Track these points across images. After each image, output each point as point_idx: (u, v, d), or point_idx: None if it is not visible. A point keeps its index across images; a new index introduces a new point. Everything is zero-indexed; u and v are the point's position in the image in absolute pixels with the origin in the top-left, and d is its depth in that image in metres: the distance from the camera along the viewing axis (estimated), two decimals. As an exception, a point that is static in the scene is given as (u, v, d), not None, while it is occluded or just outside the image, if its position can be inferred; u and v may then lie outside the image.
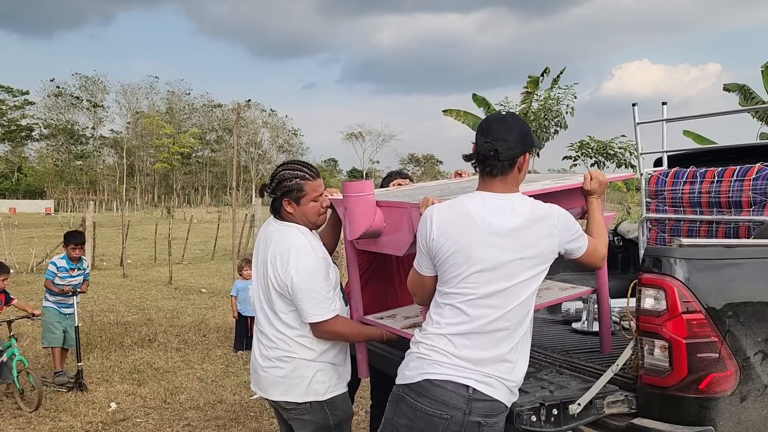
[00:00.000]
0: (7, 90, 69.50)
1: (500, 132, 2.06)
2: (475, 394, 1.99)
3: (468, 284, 2.02)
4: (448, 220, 2.05)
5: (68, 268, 5.85)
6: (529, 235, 2.03)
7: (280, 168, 2.64)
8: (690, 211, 3.48)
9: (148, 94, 75.35)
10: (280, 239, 2.57)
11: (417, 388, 2.03)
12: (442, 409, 1.98)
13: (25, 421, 4.84)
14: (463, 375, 2.00)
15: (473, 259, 2.01)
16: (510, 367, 2.06)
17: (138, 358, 6.64)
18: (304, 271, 2.47)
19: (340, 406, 2.64)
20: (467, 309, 2.03)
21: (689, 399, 2.20)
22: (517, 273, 2.03)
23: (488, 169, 2.08)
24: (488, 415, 2.01)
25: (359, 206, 2.46)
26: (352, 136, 73.89)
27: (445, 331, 2.05)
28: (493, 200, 2.06)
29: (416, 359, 2.08)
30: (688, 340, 2.18)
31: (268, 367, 2.61)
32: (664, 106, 3.85)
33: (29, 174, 66.65)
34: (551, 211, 2.10)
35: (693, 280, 2.21)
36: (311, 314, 2.50)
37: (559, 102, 17.90)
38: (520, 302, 2.05)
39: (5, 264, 5.62)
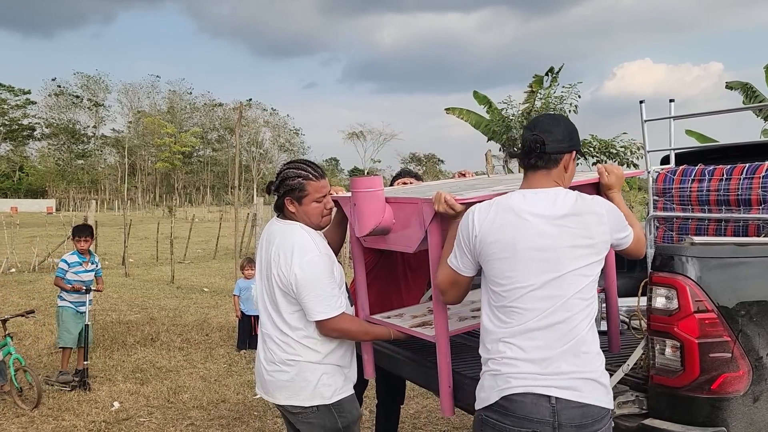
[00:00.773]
0: (9, 89, 69.55)
1: (547, 125, 2.06)
2: (560, 404, 1.85)
3: (518, 279, 1.95)
4: (491, 217, 2.01)
5: (80, 261, 5.87)
6: (576, 224, 1.96)
7: (286, 166, 2.62)
8: (698, 209, 3.45)
9: (150, 93, 75.51)
10: (284, 237, 2.54)
11: (497, 408, 1.92)
12: (526, 426, 1.85)
13: (27, 420, 4.82)
14: (542, 384, 1.87)
15: (520, 253, 1.95)
16: (587, 359, 1.93)
17: (141, 357, 6.62)
18: (308, 268, 2.44)
19: (347, 409, 2.59)
20: (522, 304, 1.94)
21: (701, 399, 2.17)
22: (567, 261, 1.94)
23: (532, 161, 2.05)
24: (582, 426, 1.85)
25: (368, 202, 2.43)
26: (353, 136, 73.83)
27: (504, 336, 1.96)
28: (534, 194, 2.02)
29: (489, 378, 1.98)
30: (700, 339, 2.15)
31: (273, 371, 2.57)
32: (671, 104, 3.82)
33: (31, 173, 66.70)
34: (597, 201, 2.06)
35: (705, 278, 2.18)
36: (316, 311, 2.46)
37: (563, 101, 17.85)
38: (577, 291, 1.94)
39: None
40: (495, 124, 18.23)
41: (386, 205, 2.46)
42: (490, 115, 18.60)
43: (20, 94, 70.22)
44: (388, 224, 2.47)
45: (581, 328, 1.95)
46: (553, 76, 17.75)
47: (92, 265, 5.97)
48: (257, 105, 75.11)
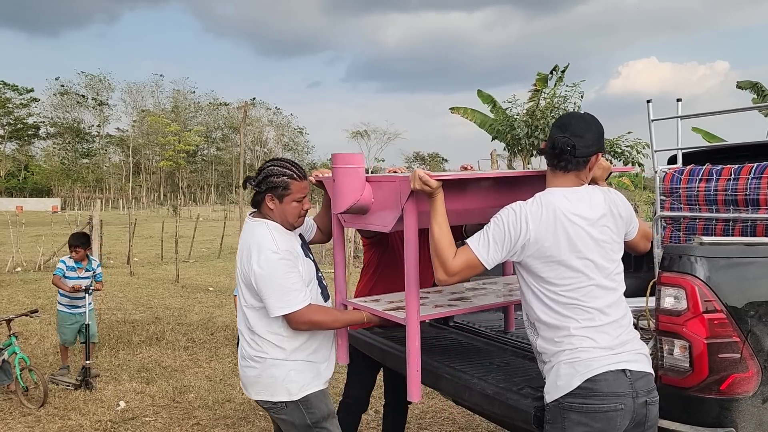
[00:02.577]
0: (13, 88, 69.78)
1: (579, 128, 2.12)
2: (633, 375, 2.02)
3: (580, 278, 2.07)
4: (544, 219, 2.07)
5: (75, 267, 5.89)
6: (611, 223, 2.15)
7: (270, 163, 2.63)
8: (706, 209, 3.43)
9: (154, 92, 75.69)
10: (248, 234, 2.59)
11: (580, 392, 2.01)
12: (615, 401, 1.98)
13: (34, 419, 4.83)
14: (615, 361, 2.02)
15: (578, 254, 2.07)
16: (638, 340, 2.14)
17: (146, 357, 6.64)
18: (266, 265, 2.47)
19: (315, 405, 2.61)
20: (586, 303, 2.07)
21: (710, 400, 2.16)
22: (612, 256, 2.14)
23: (563, 164, 2.13)
24: (649, 391, 2.06)
25: (348, 178, 2.43)
26: (357, 135, 73.88)
27: (574, 331, 2.06)
28: (574, 195, 2.13)
29: (565, 366, 2.06)
30: (709, 340, 2.14)
31: (244, 366, 2.65)
32: (678, 103, 3.79)
33: (36, 172, 66.92)
34: (615, 193, 2.24)
35: (714, 278, 2.18)
36: (275, 307, 2.48)
37: (567, 100, 17.82)
38: (621, 282, 2.16)
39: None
40: (499, 123, 18.21)
41: (366, 184, 2.46)
42: (495, 114, 18.59)
43: (24, 92, 70.45)
44: (367, 202, 2.47)
45: (629, 318, 2.17)
46: (558, 75, 17.72)
47: (87, 272, 5.95)
48: (261, 104, 75.30)
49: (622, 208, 2.23)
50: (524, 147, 17.94)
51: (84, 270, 5.92)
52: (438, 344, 3.23)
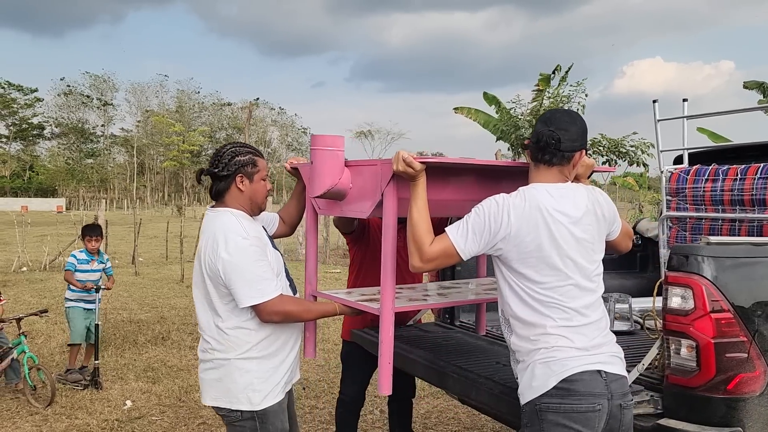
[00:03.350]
0: (17, 88, 70.02)
1: (564, 122, 2.09)
2: (608, 377, 1.99)
3: (560, 276, 2.02)
4: (527, 214, 2.02)
5: (88, 260, 5.93)
6: (593, 220, 2.10)
7: (227, 146, 2.53)
8: (712, 209, 3.44)
9: (158, 92, 75.67)
10: (212, 224, 2.45)
11: (556, 392, 1.96)
12: (592, 401, 1.95)
13: (41, 418, 4.86)
14: (591, 361, 1.99)
15: (559, 251, 2.02)
16: (613, 342, 2.11)
17: (152, 356, 6.66)
18: (235, 251, 2.33)
19: (272, 420, 2.46)
20: (565, 302, 2.02)
21: (717, 399, 2.17)
22: (594, 256, 2.10)
23: (547, 158, 2.09)
24: (624, 395, 2.02)
25: (327, 161, 2.35)
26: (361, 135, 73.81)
27: (551, 329, 2.02)
28: (557, 191, 2.08)
29: (541, 366, 2.00)
30: (716, 339, 2.15)
31: (204, 369, 2.50)
32: (684, 103, 3.80)
33: (41, 172, 67.12)
34: (598, 192, 2.20)
35: (721, 278, 2.18)
36: (247, 296, 2.33)
37: (570, 99, 17.79)
38: (601, 283, 2.13)
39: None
40: (503, 123, 18.19)
41: (345, 168, 2.38)
42: (499, 114, 18.56)
43: (29, 92, 70.69)
44: (345, 187, 2.39)
45: (606, 319, 2.13)
46: (561, 75, 17.68)
47: (99, 265, 6.01)
48: (265, 104, 75.32)
49: (606, 208, 2.18)
50: (528, 147, 17.90)
51: (96, 263, 5.97)
52: (445, 343, 3.24)
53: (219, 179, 2.50)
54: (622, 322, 3.33)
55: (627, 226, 2.32)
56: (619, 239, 2.27)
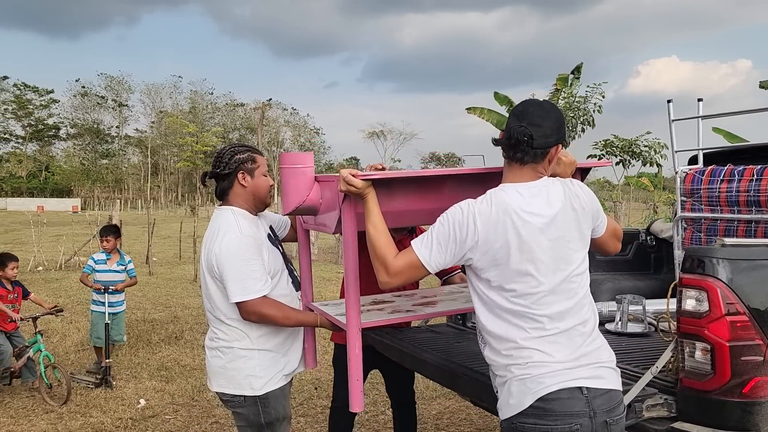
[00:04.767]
0: (33, 90, 70.81)
1: (537, 117, 1.94)
2: (590, 393, 1.85)
3: (531, 283, 1.89)
4: (494, 219, 1.89)
5: (105, 260, 6.03)
6: (570, 217, 1.95)
7: (225, 147, 2.64)
8: (727, 210, 3.40)
9: (172, 93, 76.20)
10: (214, 222, 2.57)
11: (533, 411, 1.85)
12: (570, 421, 1.82)
13: (56, 416, 4.91)
14: (570, 377, 1.85)
15: (529, 255, 1.88)
16: (601, 351, 1.95)
17: (165, 355, 6.70)
18: (227, 249, 2.44)
19: (273, 404, 2.58)
20: (538, 311, 1.89)
21: (732, 403, 2.14)
22: (571, 256, 1.94)
23: (519, 155, 1.95)
24: (610, 410, 1.88)
25: (294, 179, 2.36)
26: (373, 135, 73.88)
27: (525, 342, 1.89)
28: (528, 190, 1.94)
29: (517, 383, 1.89)
30: (731, 342, 2.13)
31: (210, 356, 2.63)
32: (700, 103, 3.77)
33: (56, 173, 67.79)
34: (577, 185, 2.04)
35: (736, 280, 2.16)
36: (233, 293, 2.45)
37: (587, 100, 17.70)
38: (584, 288, 1.97)
39: (12, 253, 5.73)
40: (517, 123, 18.11)
41: (315, 184, 2.38)
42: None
43: (44, 94, 71.44)
44: (315, 203, 2.38)
45: (592, 324, 1.97)
46: (575, 75, 17.60)
47: (119, 266, 6.08)
48: (278, 105, 75.51)
49: (585, 200, 2.00)
50: (542, 147, 17.84)
51: (115, 264, 6.04)
52: (457, 345, 3.24)
53: (222, 178, 2.61)
54: (636, 323, 3.31)
55: (615, 225, 2.16)
56: (604, 238, 2.11)
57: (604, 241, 2.12)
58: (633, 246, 4.31)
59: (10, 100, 69.83)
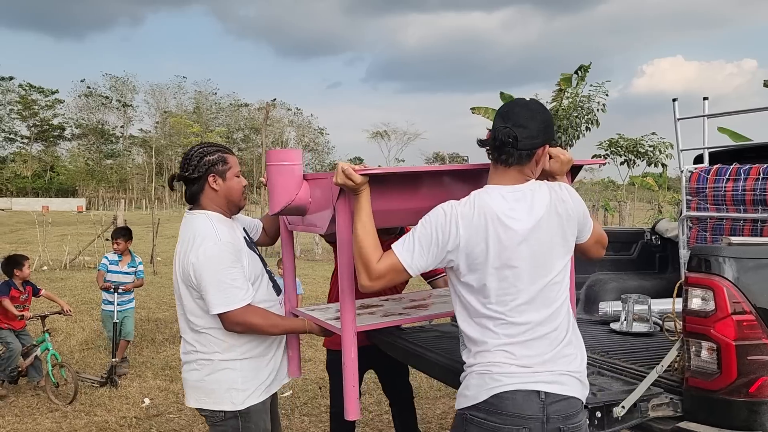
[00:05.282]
0: (38, 90, 71.08)
1: (522, 118, 1.89)
2: (549, 398, 1.83)
3: (509, 290, 1.86)
4: (476, 223, 1.85)
5: (117, 261, 6.10)
6: (554, 222, 1.90)
7: (195, 148, 2.48)
8: (733, 209, 3.39)
9: (176, 93, 76.40)
10: (187, 228, 2.41)
11: (485, 406, 1.85)
12: (518, 423, 1.81)
13: (61, 415, 4.92)
14: (531, 380, 1.84)
15: (508, 262, 1.85)
16: (572, 358, 1.92)
17: (170, 355, 6.71)
18: (204, 257, 2.28)
19: (254, 420, 2.45)
20: (513, 317, 1.86)
21: (739, 403, 2.13)
22: (552, 263, 1.90)
23: (504, 158, 1.91)
24: (567, 418, 1.85)
25: (281, 176, 2.25)
26: (377, 135, 74.00)
27: (495, 346, 1.88)
28: (512, 194, 1.89)
29: (476, 377, 1.89)
30: (737, 341, 2.11)
31: (187, 370, 2.48)
32: (705, 102, 3.75)
33: (61, 173, 68.01)
34: (565, 189, 1.98)
35: (743, 279, 2.15)
36: (214, 304, 2.29)
37: (591, 99, 17.67)
38: (563, 296, 1.94)
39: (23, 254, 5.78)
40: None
41: (303, 182, 2.27)
42: (516, 114, 18.47)
43: (49, 94, 71.72)
44: (303, 203, 2.27)
45: (565, 332, 1.94)
46: (580, 75, 17.57)
47: (130, 267, 6.13)
48: (282, 105, 75.66)
49: (571, 206, 1.95)
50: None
51: (126, 265, 6.12)
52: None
53: (191, 182, 2.45)
54: (642, 323, 3.30)
55: (601, 231, 2.10)
56: (589, 244, 2.05)
57: (587, 247, 2.07)
58: (638, 245, 4.29)
59: (15, 101, 70.16)
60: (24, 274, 5.51)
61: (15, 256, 5.63)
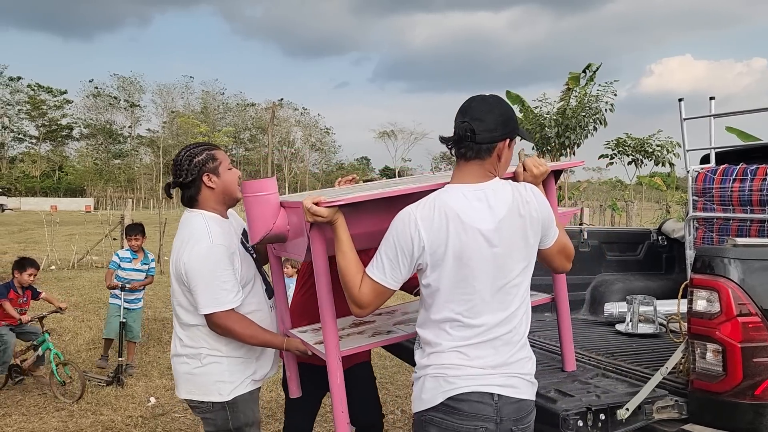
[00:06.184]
0: (47, 90, 71.52)
1: (479, 111, 1.90)
2: (501, 400, 1.86)
3: (466, 291, 1.85)
4: (437, 225, 1.84)
5: (131, 258, 6.10)
6: (516, 224, 1.87)
7: (181, 152, 2.49)
8: (740, 209, 3.36)
9: (184, 93, 76.79)
10: (184, 227, 2.45)
11: (443, 408, 1.87)
12: (475, 423, 1.84)
13: (67, 414, 4.94)
14: (485, 383, 1.86)
15: (468, 262, 1.83)
16: (525, 362, 1.94)
17: (176, 354, 6.72)
18: (196, 258, 2.32)
19: (242, 409, 2.49)
20: (469, 319, 1.86)
21: (744, 405, 2.12)
22: (512, 265, 1.88)
23: (462, 151, 1.91)
24: (518, 420, 1.89)
25: (258, 207, 2.22)
26: (384, 135, 74.07)
27: (449, 348, 1.88)
28: (473, 192, 1.88)
29: (431, 380, 1.90)
30: (743, 343, 2.10)
31: (177, 363, 2.54)
32: (712, 102, 3.73)
33: (70, 173, 68.41)
34: (530, 190, 1.96)
35: (748, 281, 2.13)
36: (202, 305, 2.34)
37: (598, 99, 17.60)
38: (520, 300, 1.92)
39: (35, 260, 5.77)
40: (528, 122, 18.06)
41: (281, 210, 2.24)
42: (523, 113, 18.44)
43: (58, 94, 72.16)
44: (282, 231, 2.24)
45: (521, 336, 1.94)
46: (589, 74, 17.50)
47: (144, 265, 6.15)
48: (289, 105, 75.85)
49: (534, 207, 1.91)
50: (554, 147, 17.79)
51: (140, 263, 6.13)
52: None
53: (187, 186, 2.47)
54: (647, 324, 3.28)
55: (567, 242, 2.05)
56: (551, 252, 2.01)
57: (550, 255, 2.03)
58: (644, 246, 4.27)
59: (24, 101, 70.65)
60: (22, 279, 5.51)
61: (22, 260, 5.63)
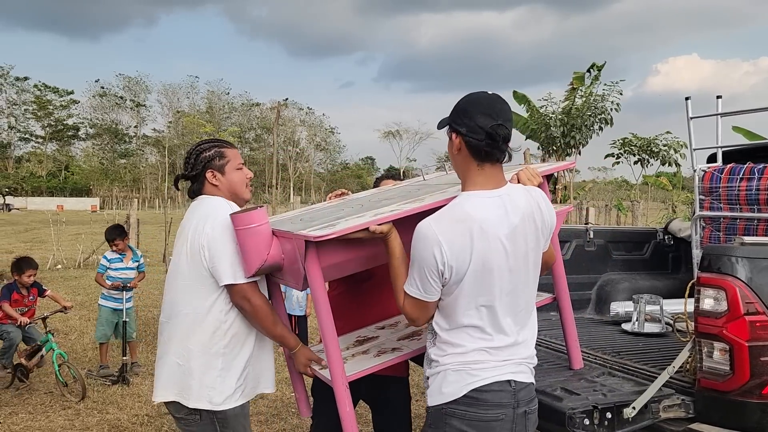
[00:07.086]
0: (54, 90, 71.81)
1: (505, 113, 1.94)
2: (516, 386, 1.92)
3: (487, 298, 1.88)
4: (459, 240, 1.83)
5: (121, 258, 6.06)
6: (530, 229, 1.91)
7: (194, 146, 2.48)
8: (747, 208, 3.35)
9: (189, 93, 76.84)
10: (199, 207, 2.37)
11: (465, 401, 1.89)
12: (498, 411, 1.89)
13: (74, 413, 4.96)
14: (502, 372, 1.91)
15: (490, 270, 1.85)
16: (532, 352, 2.01)
17: (181, 353, 6.73)
18: (220, 226, 2.23)
19: (232, 425, 2.30)
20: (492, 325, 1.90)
21: (752, 404, 2.11)
22: (527, 270, 1.93)
23: (498, 155, 1.91)
24: (529, 401, 1.96)
25: (250, 239, 2.15)
26: (389, 135, 74.08)
27: (471, 350, 1.91)
28: (491, 200, 1.88)
29: (453, 373, 1.92)
30: (750, 342, 2.09)
31: (163, 362, 2.34)
32: (719, 100, 3.71)
33: (76, 172, 68.70)
34: (540, 196, 1.99)
35: (756, 280, 2.12)
36: (225, 274, 2.20)
37: (604, 99, 17.53)
38: (533, 297, 2.00)
39: (33, 260, 5.76)
40: (534, 122, 18.03)
41: (273, 240, 2.19)
42: (529, 113, 18.40)
43: (65, 95, 72.44)
44: (277, 260, 2.18)
45: (533, 335, 2.02)
46: (594, 73, 17.43)
47: (134, 262, 6.13)
48: (294, 104, 75.92)
49: (547, 215, 1.96)
50: (559, 146, 17.74)
51: (130, 261, 6.10)
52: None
53: (192, 180, 2.45)
54: (653, 323, 3.27)
55: (551, 251, 2.12)
56: (544, 255, 2.04)
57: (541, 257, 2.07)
58: (650, 245, 4.26)
59: (30, 101, 70.95)
60: (22, 281, 5.52)
61: (19, 262, 5.61)
